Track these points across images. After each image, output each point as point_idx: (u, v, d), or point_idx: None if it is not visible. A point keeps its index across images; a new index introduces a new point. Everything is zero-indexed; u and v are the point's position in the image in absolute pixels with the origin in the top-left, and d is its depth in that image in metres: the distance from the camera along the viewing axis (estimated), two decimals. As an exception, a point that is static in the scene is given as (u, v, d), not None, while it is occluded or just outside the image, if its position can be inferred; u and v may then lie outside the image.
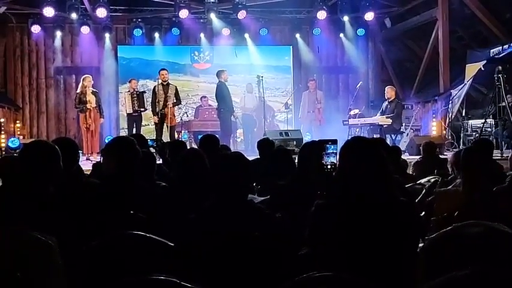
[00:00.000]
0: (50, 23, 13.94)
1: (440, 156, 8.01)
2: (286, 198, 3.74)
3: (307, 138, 11.10)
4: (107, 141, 12.52)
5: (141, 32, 14.48)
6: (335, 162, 4.84)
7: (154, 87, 11.87)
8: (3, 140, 12.98)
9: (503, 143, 10.01)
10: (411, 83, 14.91)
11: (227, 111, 11.62)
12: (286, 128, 13.21)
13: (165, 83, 11.69)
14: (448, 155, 8.41)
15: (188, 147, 6.48)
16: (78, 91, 11.17)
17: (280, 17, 15.21)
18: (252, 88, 13.91)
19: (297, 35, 15.33)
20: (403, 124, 12.16)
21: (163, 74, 11.73)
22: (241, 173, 2.88)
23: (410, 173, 6.77)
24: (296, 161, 4.54)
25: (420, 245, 2.66)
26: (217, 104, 11.91)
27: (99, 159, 9.75)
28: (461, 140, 11.74)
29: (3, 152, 12.64)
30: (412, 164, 7.18)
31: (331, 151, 4.70)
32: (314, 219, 2.64)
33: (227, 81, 11.95)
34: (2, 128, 13.14)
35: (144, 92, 12.69)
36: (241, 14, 13.58)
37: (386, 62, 15.95)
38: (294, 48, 15.62)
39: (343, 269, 2.28)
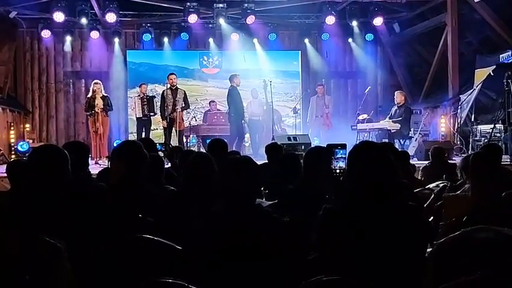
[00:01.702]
0: (59, 27, 14.02)
1: (448, 161, 7.97)
2: (294, 203, 3.74)
3: (315, 143, 11.08)
4: (115, 145, 12.58)
5: (150, 36, 14.52)
6: (344, 166, 4.83)
7: (163, 91, 11.93)
8: (12, 138, 13.10)
9: (512, 148, 9.95)
10: (420, 88, 14.87)
11: (237, 116, 11.67)
12: (295, 132, 13.20)
13: (173, 88, 11.75)
14: (457, 160, 8.37)
15: (196, 152, 6.48)
16: (88, 96, 11.28)
17: (288, 22, 15.21)
18: (257, 93, 13.92)
19: (306, 40, 15.32)
20: (412, 129, 12.13)
21: (171, 79, 11.79)
22: (249, 177, 2.88)
23: (419, 178, 6.75)
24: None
25: (429, 249, 2.65)
26: (228, 108, 11.97)
27: (107, 164, 9.81)
28: (470, 145, 11.68)
29: (13, 150, 12.76)
30: (421, 169, 7.16)
31: (340, 156, 4.68)
32: (322, 224, 2.63)
33: (239, 85, 11.98)
34: (12, 128, 13.25)
35: (154, 96, 12.74)
36: (250, 19, 13.60)
37: (395, 67, 15.90)
38: (303, 53, 15.61)
39: (351, 273, 2.28)
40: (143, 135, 12.04)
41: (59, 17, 12.94)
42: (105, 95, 11.26)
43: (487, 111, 12.51)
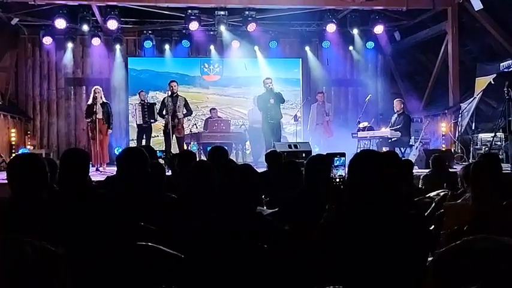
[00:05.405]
0: (61, 34, 14.06)
1: (449, 169, 7.96)
2: (295, 211, 3.74)
3: (315, 151, 11.06)
4: (116, 152, 12.59)
5: (151, 43, 14.56)
6: (343, 175, 4.83)
7: (164, 98, 11.93)
8: (13, 144, 13.12)
9: (513, 156, 9.95)
10: (421, 96, 14.89)
11: (263, 120, 11.67)
12: (295, 140, 13.20)
13: (174, 95, 11.76)
14: (458, 168, 8.36)
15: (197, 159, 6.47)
16: (88, 102, 11.27)
17: (289, 30, 15.25)
18: (258, 102, 13.91)
19: (307, 48, 15.35)
20: (413, 137, 12.13)
21: (172, 86, 11.79)
22: (249, 185, 2.88)
23: (420, 186, 6.74)
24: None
25: (429, 258, 2.65)
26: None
27: (107, 171, 9.82)
28: (471, 154, 11.68)
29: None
30: (421, 177, 7.14)
31: (340, 164, 4.69)
32: (323, 232, 2.63)
33: (268, 88, 11.77)
34: (12, 134, 13.26)
35: (154, 103, 12.76)
36: (251, 27, 13.63)
37: (395, 75, 15.93)
38: (304, 60, 15.64)
39: (352, 281, 2.27)
40: (144, 142, 12.05)
41: (60, 23, 13.00)
42: (105, 101, 11.24)
43: (488, 119, 12.53)
